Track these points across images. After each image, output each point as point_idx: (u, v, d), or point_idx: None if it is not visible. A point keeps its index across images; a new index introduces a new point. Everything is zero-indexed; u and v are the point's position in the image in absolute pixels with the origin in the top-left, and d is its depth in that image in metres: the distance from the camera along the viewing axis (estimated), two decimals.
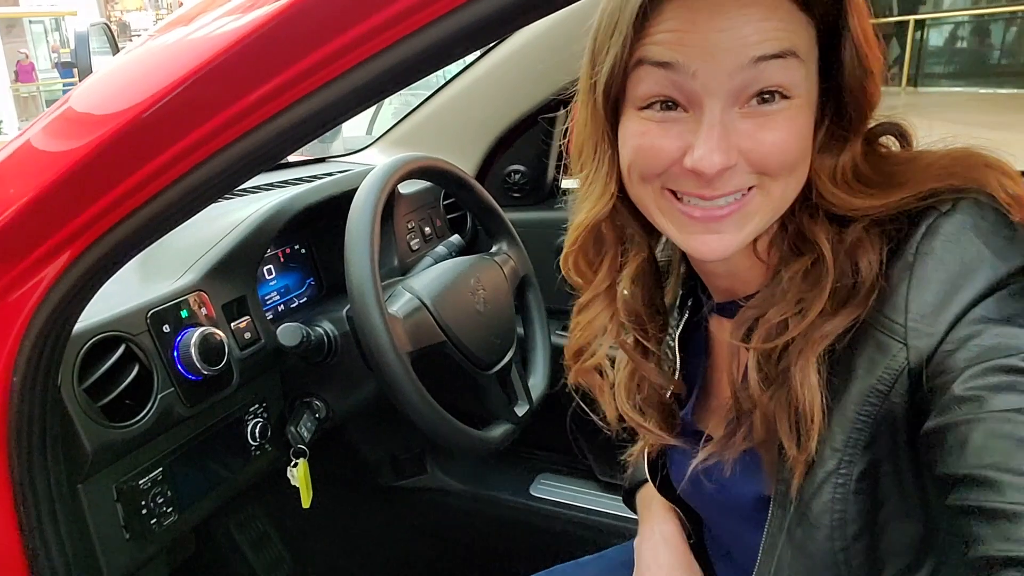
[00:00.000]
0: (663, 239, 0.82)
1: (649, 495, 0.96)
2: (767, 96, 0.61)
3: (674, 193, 0.66)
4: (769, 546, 0.68)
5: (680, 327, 0.83)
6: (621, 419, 0.85)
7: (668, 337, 0.84)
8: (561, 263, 0.81)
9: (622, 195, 0.72)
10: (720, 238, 0.65)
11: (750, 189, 0.64)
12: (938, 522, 0.63)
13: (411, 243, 1.48)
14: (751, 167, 0.62)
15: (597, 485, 1.57)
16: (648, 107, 0.64)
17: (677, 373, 0.82)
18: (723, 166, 0.60)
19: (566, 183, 1.71)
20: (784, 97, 0.61)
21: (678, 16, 0.60)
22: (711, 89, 0.60)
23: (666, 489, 0.90)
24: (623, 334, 0.82)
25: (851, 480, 0.62)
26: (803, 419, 0.63)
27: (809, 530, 0.64)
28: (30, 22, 19.15)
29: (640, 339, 0.81)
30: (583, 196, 0.74)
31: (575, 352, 0.84)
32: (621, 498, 1.05)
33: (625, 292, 0.80)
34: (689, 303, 0.84)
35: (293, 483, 1.12)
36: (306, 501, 1.13)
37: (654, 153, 0.64)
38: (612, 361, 0.86)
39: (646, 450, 0.91)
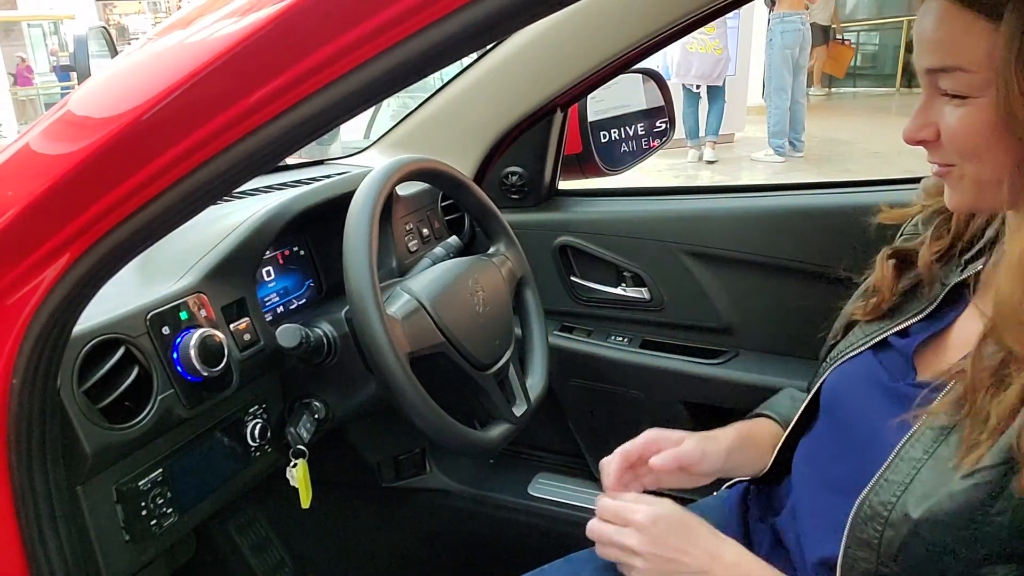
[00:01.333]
0: None
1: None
2: (949, 94, 0.68)
3: None
4: (914, 458, 0.69)
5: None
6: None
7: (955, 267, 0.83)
8: None
9: None
10: (954, 193, 0.74)
11: (950, 167, 0.72)
12: None
13: (409, 245, 1.48)
14: (946, 147, 0.70)
15: (595, 484, 1.57)
16: None
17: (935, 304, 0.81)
18: (911, 139, 0.72)
19: (563, 185, 1.72)
20: (959, 97, 0.67)
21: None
22: (923, 83, 0.71)
23: None
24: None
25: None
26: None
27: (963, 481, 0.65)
28: (28, 26, 19.13)
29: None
30: None
31: None
32: None
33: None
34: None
35: (292, 483, 1.11)
36: (305, 501, 1.13)
37: None
38: None
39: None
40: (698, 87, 7.15)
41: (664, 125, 1.78)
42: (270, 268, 1.27)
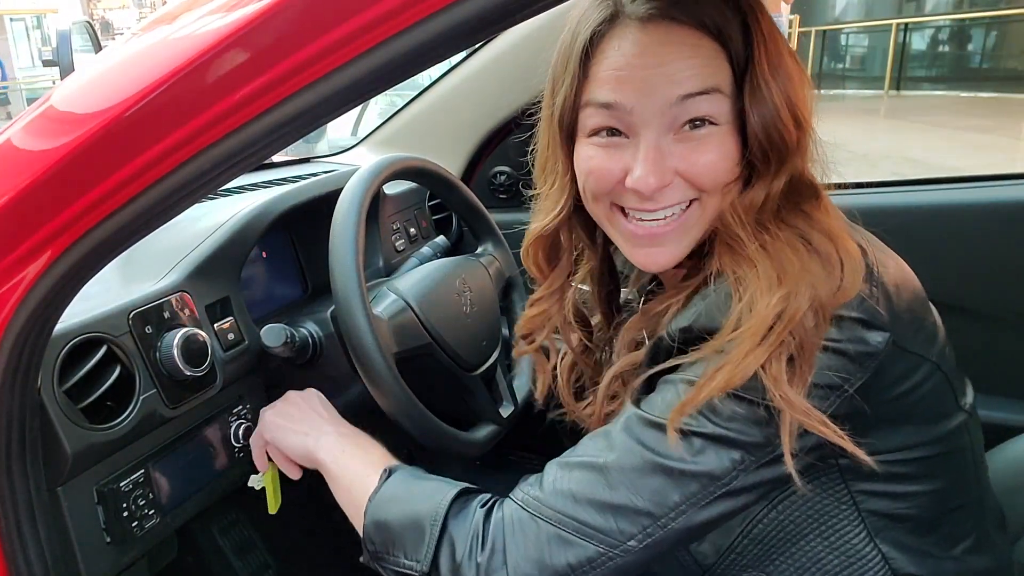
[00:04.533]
0: None
1: None
2: (697, 123, 0.69)
3: (622, 210, 0.75)
4: None
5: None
6: (548, 397, 0.99)
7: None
8: (521, 257, 0.92)
9: (576, 210, 0.82)
10: (663, 251, 0.75)
11: (691, 203, 0.73)
12: None
13: (396, 244, 1.47)
14: (687, 184, 0.71)
15: None
16: (596, 134, 0.73)
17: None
18: (658, 185, 0.70)
19: None
20: (712, 123, 0.70)
21: (615, 55, 0.70)
22: (646, 121, 0.70)
23: None
24: (568, 331, 0.94)
25: None
26: None
27: None
28: (11, 20, 18.96)
29: (583, 337, 0.95)
30: (539, 207, 0.86)
31: (523, 336, 0.97)
32: None
33: (584, 287, 0.93)
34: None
35: (256, 487, 1.06)
36: (273, 507, 1.09)
37: (601, 175, 0.74)
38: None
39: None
40: None
41: None
42: (255, 267, 1.26)
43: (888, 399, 0.67)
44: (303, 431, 0.96)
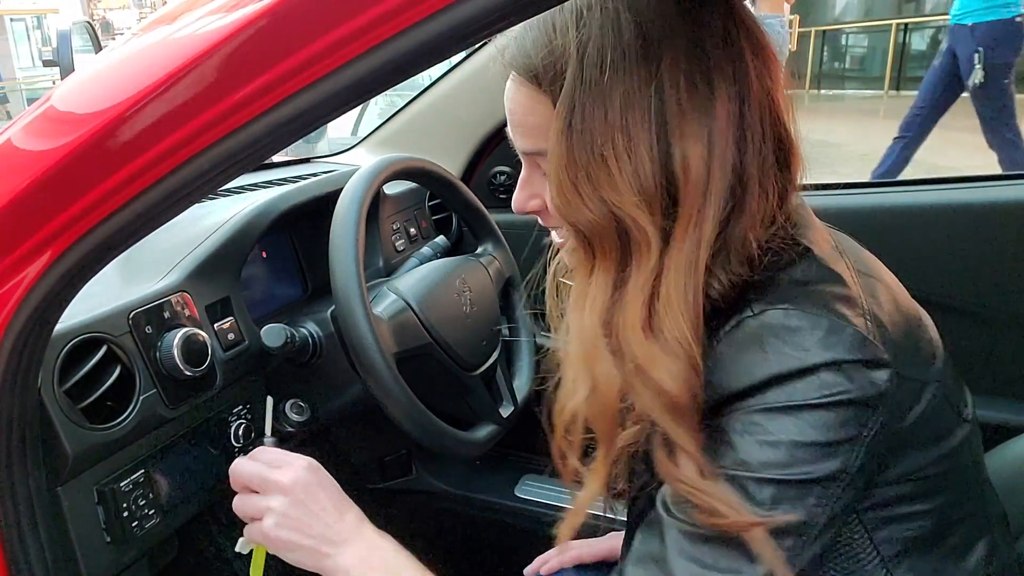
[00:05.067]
0: None
1: None
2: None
3: None
4: None
5: None
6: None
7: None
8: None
9: None
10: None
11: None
12: None
13: (396, 244, 1.47)
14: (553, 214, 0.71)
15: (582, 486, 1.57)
16: None
17: None
18: (520, 210, 0.76)
19: None
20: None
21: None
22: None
23: None
24: None
25: None
26: None
27: None
28: (11, 20, 18.95)
29: None
30: None
31: None
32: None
33: None
34: None
35: (243, 552, 0.89)
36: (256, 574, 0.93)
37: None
38: None
39: None
40: None
41: None
42: (255, 267, 1.26)
43: (900, 430, 0.64)
44: (317, 549, 0.79)
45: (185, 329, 0.95)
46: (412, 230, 1.54)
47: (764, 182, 0.64)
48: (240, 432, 1.07)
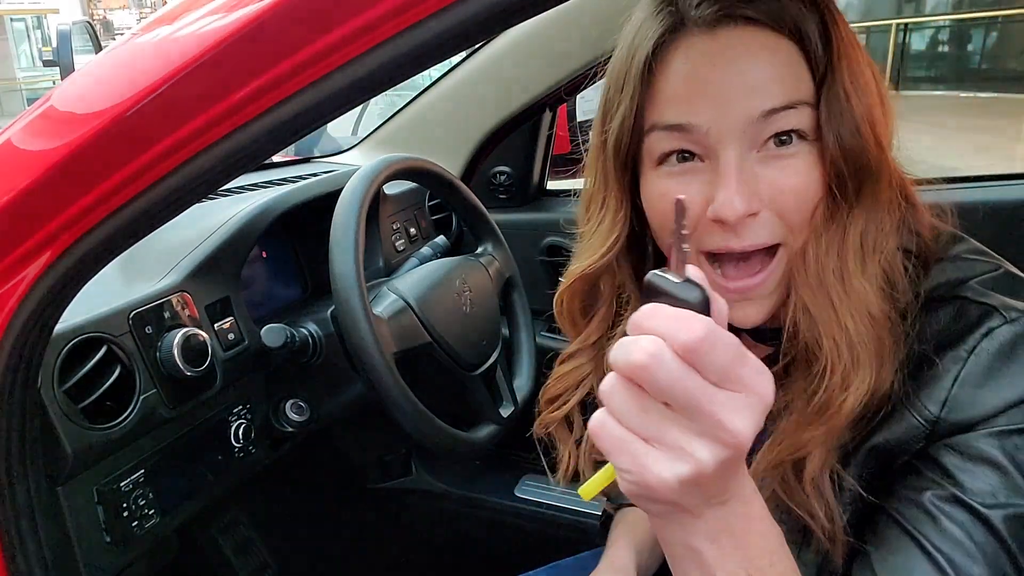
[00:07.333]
0: None
1: (616, 525, 0.95)
2: (784, 138, 0.60)
3: (710, 258, 0.64)
4: None
5: None
6: (575, 476, 0.81)
7: None
8: (554, 305, 0.79)
9: (628, 250, 0.71)
10: (756, 307, 0.64)
11: (776, 250, 0.62)
12: None
13: (396, 244, 1.47)
14: (776, 218, 0.61)
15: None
16: (664, 161, 0.63)
17: None
18: (745, 211, 0.59)
19: (552, 185, 1.72)
20: (801, 137, 0.60)
21: (685, 69, 0.60)
22: (725, 142, 0.59)
23: None
24: None
25: None
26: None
27: None
28: (11, 20, 18.95)
29: None
30: (583, 247, 0.74)
31: (548, 399, 0.83)
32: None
33: None
34: None
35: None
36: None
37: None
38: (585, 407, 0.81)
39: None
40: None
41: None
42: (255, 267, 1.26)
43: None
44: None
45: (185, 329, 0.95)
46: (412, 230, 1.54)
47: None
48: (240, 432, 1.07)
